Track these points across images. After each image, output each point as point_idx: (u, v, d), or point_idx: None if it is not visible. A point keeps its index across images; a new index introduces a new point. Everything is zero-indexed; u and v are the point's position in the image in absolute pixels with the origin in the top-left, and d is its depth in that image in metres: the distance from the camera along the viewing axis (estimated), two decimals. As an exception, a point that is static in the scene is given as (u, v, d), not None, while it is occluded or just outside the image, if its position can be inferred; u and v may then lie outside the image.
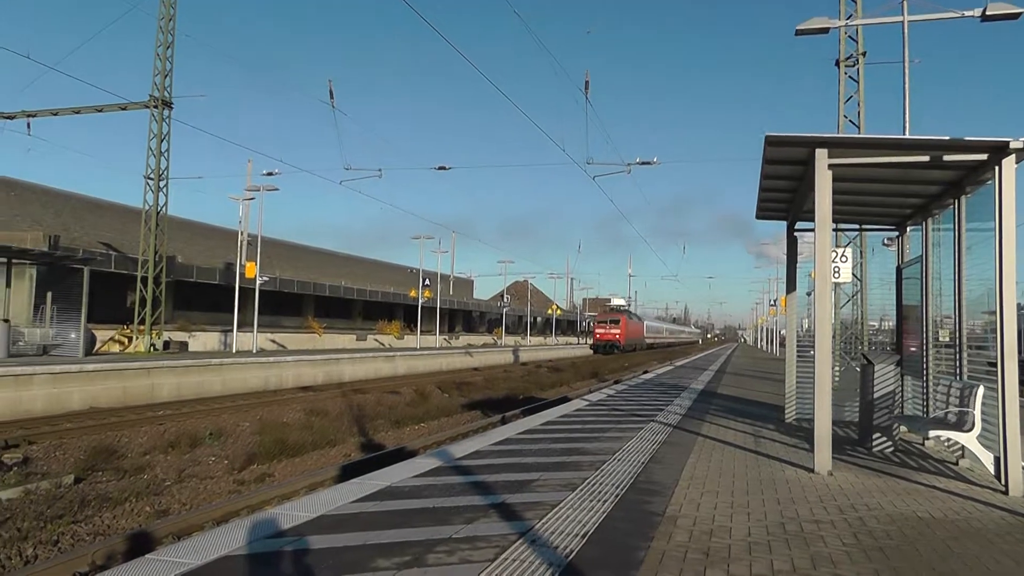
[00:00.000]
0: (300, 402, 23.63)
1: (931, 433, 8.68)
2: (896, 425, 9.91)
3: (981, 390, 7.87)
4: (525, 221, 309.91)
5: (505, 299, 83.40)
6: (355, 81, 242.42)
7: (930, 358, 10.18)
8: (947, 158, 7.83)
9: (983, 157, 7.63)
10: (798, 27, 17.20)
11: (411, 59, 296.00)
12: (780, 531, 5.76)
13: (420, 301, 56.16)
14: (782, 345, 51.53)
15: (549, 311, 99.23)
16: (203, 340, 39.56)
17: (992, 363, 7.74)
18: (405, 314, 68.57)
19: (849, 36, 22.05)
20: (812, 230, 9.11)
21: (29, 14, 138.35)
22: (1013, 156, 7.25)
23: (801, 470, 8.36)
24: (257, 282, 37.51)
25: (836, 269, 13.43)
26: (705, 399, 17.46)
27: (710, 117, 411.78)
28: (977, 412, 7.84)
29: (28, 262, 27.69)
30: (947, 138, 7.66)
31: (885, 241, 15.71)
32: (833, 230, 12.15)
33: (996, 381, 7.34)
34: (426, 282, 56.98)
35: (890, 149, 8.16)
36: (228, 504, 10.72)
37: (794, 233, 12.37)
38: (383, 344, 57.78)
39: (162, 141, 31.92)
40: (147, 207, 32.42)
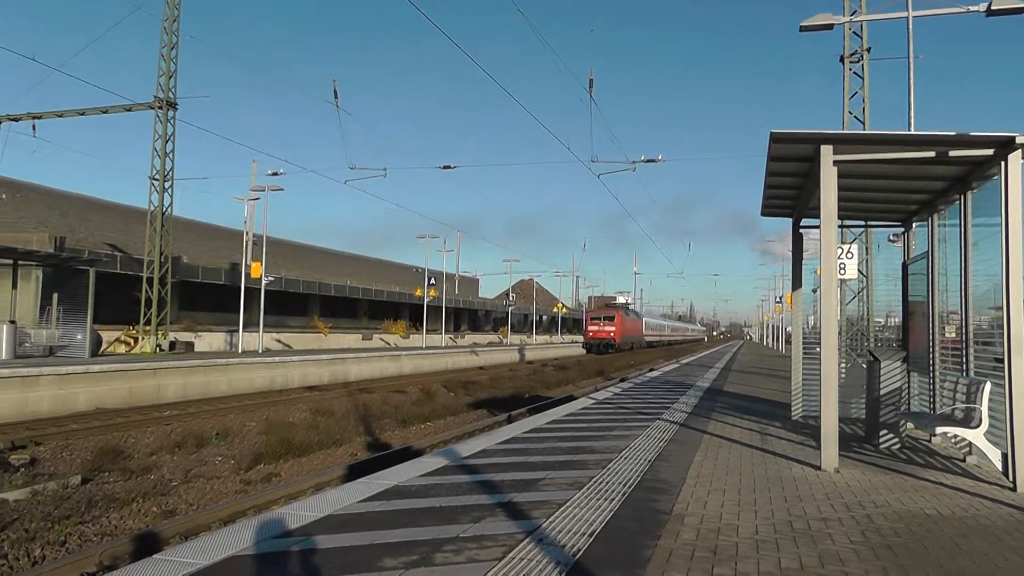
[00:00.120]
0: (306, 402, 23.65)
1: (938, 430, 8.68)
2: (903, 422, 9.88)
3: (988, 386, 7.84)
4: (530, 220, 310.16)
5: (511, 298, 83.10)
6: (359, 81, 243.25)
7: (936, 354, 10.15)
8: (953, 154, 7.80)
9: (989, 152, 7.60)
10: (802, 23, 17.18)
11: (415, 58, 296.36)
12: (788, 529, 5.75)
13: (426, 300, 56.17)
14: (788, 342, 51.52)
15: (555, 309, 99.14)
16: (209, 340, 39.65)
17: (999, 359, 7.72)
18: (411, 313, 68.63)
19: (853, 32, 22.01)
20: (818, 227, 9.11)
21: (34, 16, 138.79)
22: (1019, 151, 7.23)
23: (808, 467, 8.35)
24: (263, 282, 37.56)
25: (842, 265, 13.43)
26: (711, 397, 17.44)
27: (715, 114, 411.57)
28: (984, 408, 7.81)
29: (34, 263, 27.73)
30: (953, 133, 7.64)
31: (891, 237, 15.68)
32: (839, 226, 12.14)
33: (1003, 377, 7.31)
34: (431, 281, 56.96)
35: (895, 145, 8.13)
36: (235, 504, 10.75)
37: (799, 230, 12.34)
38: (389, 343, 57.83)
39: (167, 142, 31.97)
40: (152, 208, 32.48)
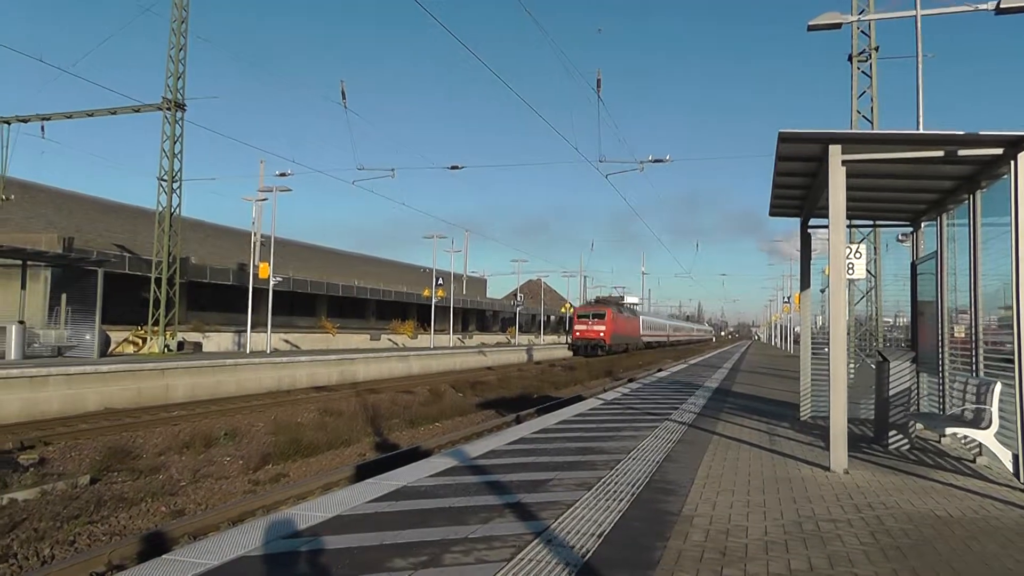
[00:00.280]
0: (314, 402, 23.68)
1: (948, 430, 8.64)
2: (912, 422, 9.84)
3: (998, 387, 7.80)
4: (538, 220, 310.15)
5: (518, 298, 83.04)
6: (367, 81, 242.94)
7: (946, 354, 10.11)
8: (962, 153, 7.77)
9: (998, 151, 7.57)
10: (810, 22, 17.13)
11: (423, 59, 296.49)
12: (797, 530, 5.73)
13: (433, 300, 56.21)
14: (796, 342, 51.37)
15: (563, 309, 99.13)
16: (217, 341, 39.75)
17: (1009, 359, 7.68)
18: (419, 314, 68.66)
19: (861, 31, 21.92)
20: (826, 227, 9.08)
21: (42, 18, 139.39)
22: (1029, 150, 7.19)
23: (817, 468, 8.32)
24: (271, 282, 37.64)
25: (850, 265, 13.37)
26: (719, 397, 17.41)
27: (722, 114, 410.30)
28: (994, 409, 7.76)
29: (43, 264, 27.87)
30: (962, 133, 7.60)
31: (899, 237, 15.63)
32: (847, 226, 12.10)
33: (1014, 377, 7.28)
34: (439, 281, 57.02)
35: (904, 144, 8.10)
36: (243, 504, 10.77)
37: (808, 230, 12.30)
38: (397, 344, 57.91)
39: (175, 143, 32.06)
40: (160, 208, 32.57)
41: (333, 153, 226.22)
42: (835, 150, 7.97)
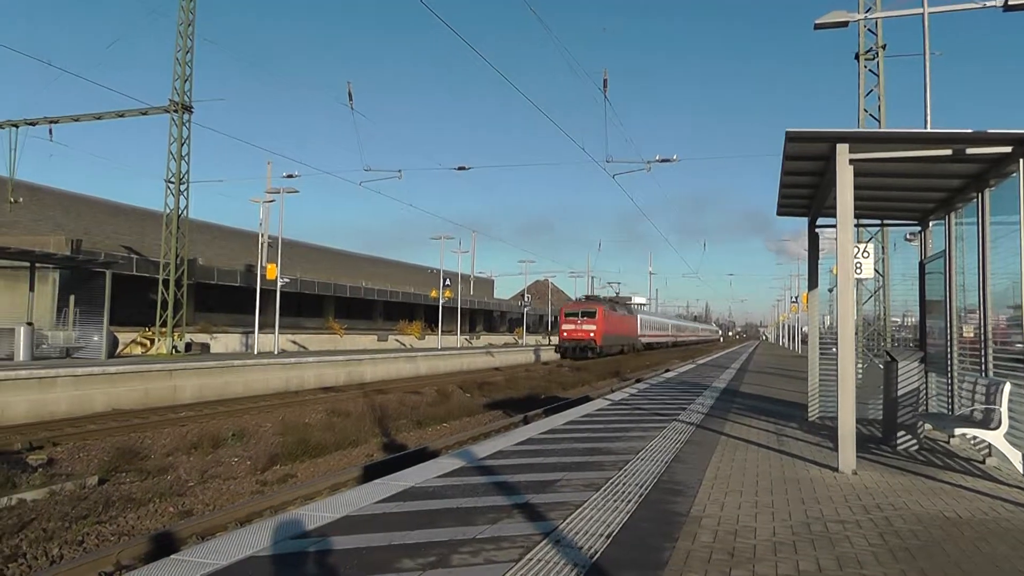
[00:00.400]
0: (322, 403, 23.72)
1: (957, 431, 8.60)
2: (921, 423, 9.80)
3: (1008, 387, 7.76)
4: (545, 220, 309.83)
5: (526, 298, 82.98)
6: (373, 82, 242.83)
7: (955, 354, 10.07)
8: (970, 151, 7.74)
9: (1007, 150, 7.54)
10: (817, 21, 17.08)
11: (430, 60, 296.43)
12: (805, 531, 5.71)
13: (441, 301, 56.28)
14: (804, 342, 51.25)
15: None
16: (225, 342, 39.88)
17: (1019, 358, 7.65)
18: (426, 314, 68.81)
19: (868, 29, 21.88)
20: (833, 226, 9.04)
21: (49, 20, 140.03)
22: (1038, 149, 7.16)
23: (825, 469, 8.29)
24: (278, 284, 37.71)
25: (858, 265, 13.32)
26: (727, 397, 17.38)
27: (729, 113, 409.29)
28: (1004, 409, 7.72)
29: (51, 266, 27.96)
30: (970, 131, 7.58)
31: (907, 236, 15.59)
32: (855, 225, 12.06)
33: (1023, 377, 7.24)
34: (447, 282, 57.10)
35: (912, 143, 8.07)
36: (251, 504, 10.78)
37: (815, 229, 12.26)
38: (404, 344, 57.98)
39: (182, 145, 32.16)
40: (168, 210, 32.67)
41: (340, 154, 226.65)
42: (843, 149, 7.94)
